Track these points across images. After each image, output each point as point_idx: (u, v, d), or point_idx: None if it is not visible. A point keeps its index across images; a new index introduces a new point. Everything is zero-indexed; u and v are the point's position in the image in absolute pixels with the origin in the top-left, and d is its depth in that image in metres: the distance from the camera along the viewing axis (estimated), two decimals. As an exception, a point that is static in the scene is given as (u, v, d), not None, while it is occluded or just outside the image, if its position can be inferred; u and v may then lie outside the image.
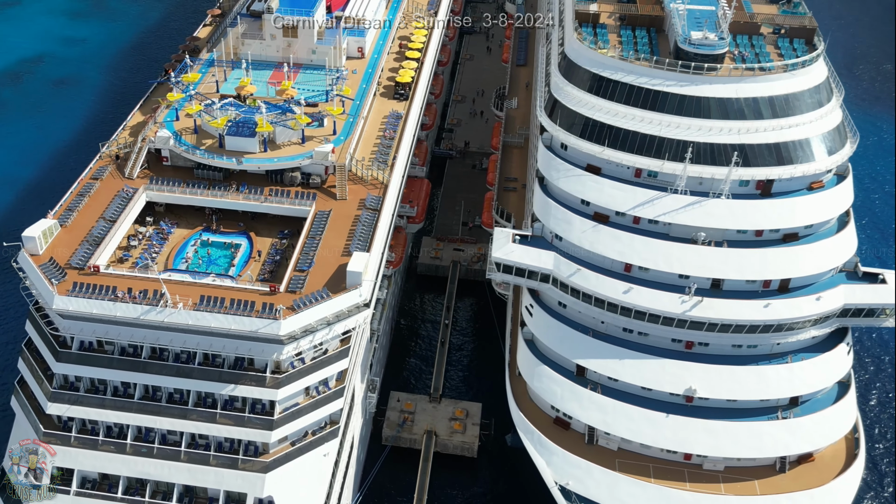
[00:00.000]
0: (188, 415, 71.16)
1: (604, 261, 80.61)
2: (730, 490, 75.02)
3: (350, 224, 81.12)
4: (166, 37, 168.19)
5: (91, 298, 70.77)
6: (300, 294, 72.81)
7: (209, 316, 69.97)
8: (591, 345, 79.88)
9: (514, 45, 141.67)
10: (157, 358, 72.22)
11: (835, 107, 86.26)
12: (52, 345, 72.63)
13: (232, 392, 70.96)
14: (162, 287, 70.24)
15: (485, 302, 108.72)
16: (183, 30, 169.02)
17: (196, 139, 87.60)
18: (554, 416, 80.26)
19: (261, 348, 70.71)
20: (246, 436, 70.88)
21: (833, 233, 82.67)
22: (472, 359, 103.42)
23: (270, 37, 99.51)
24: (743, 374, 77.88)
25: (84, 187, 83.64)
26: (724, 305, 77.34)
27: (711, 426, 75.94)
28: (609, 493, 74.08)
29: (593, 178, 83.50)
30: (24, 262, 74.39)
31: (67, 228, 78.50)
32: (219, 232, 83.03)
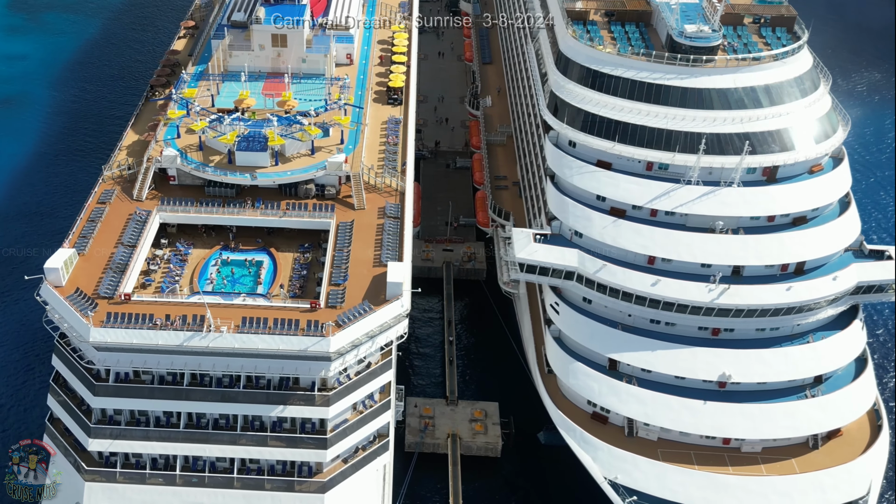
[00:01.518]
0: (237, 440, 68.28)
1: (626, 255, 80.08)
2: (771, 470, 75.33)
3: (375, 234, 78.78)
4: (112, 50, 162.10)
5: (129, 328, 67.09)
6: (341, 309, 70.34)
7: (255, 338, 67.04)
8: (622, 338, 79.31)
9: (477, 44, 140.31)
10: (199, 384, 68.92)
11: (824, 93, 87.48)
12: (88, 379, 68.69)
13: (281, 413, 68.23)
14: (206, 311, 66.96)
15: (482, 300, 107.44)
16: (127, 42, 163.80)
17: (202, 156, 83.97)
18: (591, 412, 79.35)
19: (307, 366, 68.14)
20: (300, 456, 68.36)
21: (836, 214, 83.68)
22: (480, 358, 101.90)
23: (259, 47, 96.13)
24: (770, 356, 78.36)
25: (93, 212, 79.32)
26: (749, 291, 77.60)
27: (748, 410, 76.15)
28: (658, 483, 73.65)
29: (608, 174, 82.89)
30: (49, 295, 70.13)
31: (86, 257, 74.39)
32: (238, 250, 79.71)
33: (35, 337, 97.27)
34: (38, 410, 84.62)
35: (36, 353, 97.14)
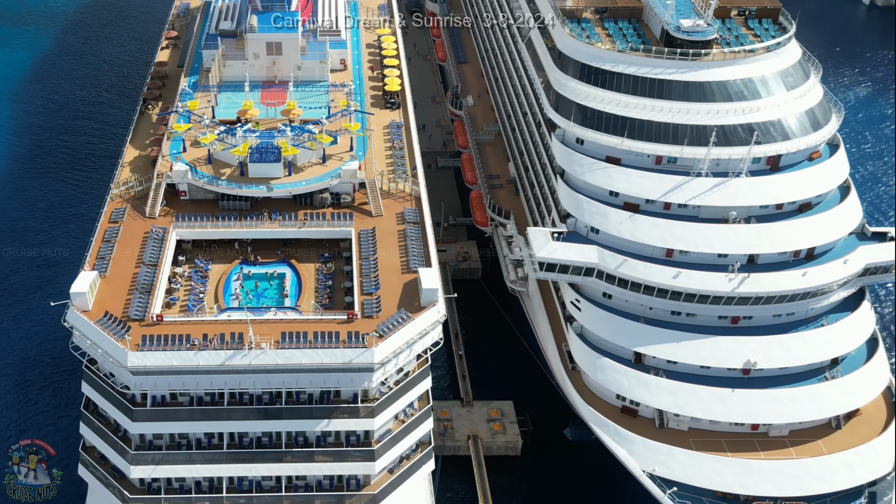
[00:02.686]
0: (283, 457, 66.39)
1: (643, 248, 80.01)
2: (801, 453, 75.88)
3: (397, 240, 77.31)
4: (68, 64, 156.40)
5: (168, 350, 64.61)
6: (378, 318, 68.82)
7: (298, 353, 65.16)
8: (646, 331, 79.15)
9: (449, 44, 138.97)
10: (238, 402, 66.77)
11: (815, 82, 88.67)
12: (124, 404, 66.02)
13: (326, 427, 66.50)
14: (248, 329, 64.83)
15: (481, 299, 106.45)
16: (82, 55, 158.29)
17: (212, 169, 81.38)
18: (621, 406, 79.03)
19: (349, 378, 66.54)
20: (348, 470, 66.84)
21: (838, 199, 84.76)
22: (487, 357, 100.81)
23: (254, 56, 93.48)
24: (791, 341, 78.96)
25: (107, 232, 76.24)
26: (768, 278, 78.09)
27: (775, 395, 76.63)
28: (695, 472, 73.64)
29: (620, 170, 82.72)
30: (77, 321, 67.22)
31: (107, 279, 71.48)
32: (258, 263, 77.39)
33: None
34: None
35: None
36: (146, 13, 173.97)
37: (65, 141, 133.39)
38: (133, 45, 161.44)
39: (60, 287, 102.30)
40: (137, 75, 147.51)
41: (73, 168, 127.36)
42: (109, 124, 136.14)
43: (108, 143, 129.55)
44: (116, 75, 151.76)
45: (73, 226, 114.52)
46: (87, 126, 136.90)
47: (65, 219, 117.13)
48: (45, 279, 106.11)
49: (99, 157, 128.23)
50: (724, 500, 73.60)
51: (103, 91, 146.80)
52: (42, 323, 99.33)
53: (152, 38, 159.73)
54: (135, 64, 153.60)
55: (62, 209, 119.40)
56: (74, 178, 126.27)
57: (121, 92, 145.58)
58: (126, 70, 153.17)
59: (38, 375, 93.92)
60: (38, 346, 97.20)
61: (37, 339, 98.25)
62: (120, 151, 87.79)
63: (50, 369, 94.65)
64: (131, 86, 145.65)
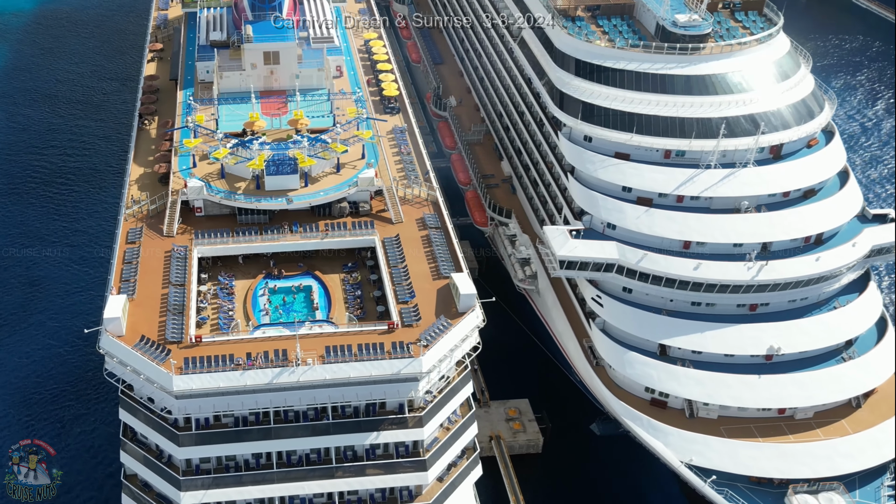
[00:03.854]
0: (334, 473, 64.64)
1: (661, 242, 79.96)
2: (828, 434, 76.56)
3: (423, 246, 76.06)
4: (23, 79, 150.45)
5: (214, 372, 62.31)
6: (418, 326, 67.51)
7: (345, 366, 63.47)
8: (670, 324, 79.11)
9: (423, 46, 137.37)
10: (283, 420, 64.77)
11: (807, 72, 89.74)
12: (168, 430, 63.54)
13: (375, 440, 64.92)
14: (296, 345, 62.84)
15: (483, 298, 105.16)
16: (33, 71, 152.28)
17: (226, 184, 78.94)
18: (650, 398, 78.83)
19: (395, 389, 65.06)
20: (400, 482, 65.44)
21: (838, 184, 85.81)
22: (496, 355, 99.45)
23: (251, 66, 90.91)
24: (809, 325, 79.71)
25: (126, 253, 73.37)
26: (784, 265, 78.69)
27: (799, 378, 77.19)
28: (731, 460, 73.76)
29: (632, 165, 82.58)
30: (113, 347, 64.43)
31: (136, 301, 68.76)
32: (282, 276, 75.27)
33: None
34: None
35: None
36: (104, 24, 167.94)
37: (34, 159, 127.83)
38: (101, 59, 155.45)
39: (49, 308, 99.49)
40: (103, 90, 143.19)
41: (46, 188, 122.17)
42: (82, 141, 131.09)
43: (83, 160, 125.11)
44: (81, 90, 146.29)
45: (56, 249, 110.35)
46: (57, 144, 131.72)
47: (42, 239, 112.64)
48: (31, 298, 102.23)
49: (73, 174, 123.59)
50: (759, 484, 73.93)
51: (66, 106, 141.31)
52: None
53: (117, 50, 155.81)
54: (99, 78, 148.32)
55: (39, 229, 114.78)
56: (47, 199, 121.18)
57: (85, 106, 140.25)
58: (89, 82, 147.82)
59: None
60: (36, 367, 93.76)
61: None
62: (126, 170, 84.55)
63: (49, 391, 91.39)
64: (97, 100, 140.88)
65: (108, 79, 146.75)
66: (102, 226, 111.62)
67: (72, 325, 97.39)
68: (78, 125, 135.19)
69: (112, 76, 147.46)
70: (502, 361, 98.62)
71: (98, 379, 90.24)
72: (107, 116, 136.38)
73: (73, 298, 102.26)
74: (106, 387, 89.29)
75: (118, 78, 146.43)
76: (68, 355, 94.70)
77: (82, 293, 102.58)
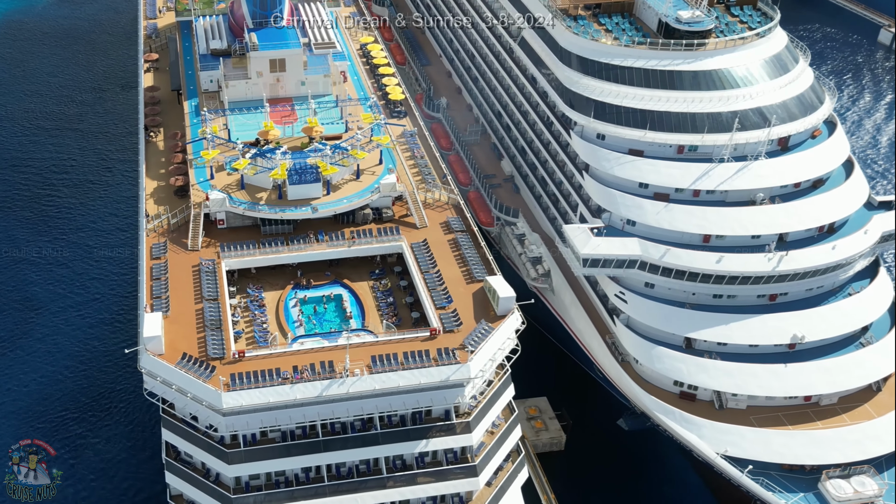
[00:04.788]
0: (385, 483, 63.34)
1: (681, 236, 79.95)
2: (854, 418, 77.15)
3: (451, 250, 75.07)
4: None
5: (263, 387, 60.67)
6: (459, 332, 66.56)
7: (394, 375, 62.30)
8: (695, 317, 79.08)
9: (408, 47, 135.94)
10: (329, 432, 63.35)
11: (805, 65, 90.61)
12: (216, 448, 61.77)
13: (424, 448, 63.82)
14: (346, 356, 61.48)
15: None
16: (7, 85, 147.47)
17: (247, 195, 77.11)
18: (679, 392, 78.76)
19: (442, 396, 64.07)
20: (452, 488, 64.32)
21: (843, 173, 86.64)
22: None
23: (257, 74, 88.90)
24: (828, 312, 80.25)
25: (153, 270, 71.18)
26: (802, 255, 79.12)
27: (824, 365, 77.64)
28: (765, 448, 73.93)
29: (648, 162, 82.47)
30: (155, 366, 62.41)
31: (170, 318, 66.68)
32: (311, 286, 73.73)
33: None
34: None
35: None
36: (82, 35, 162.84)
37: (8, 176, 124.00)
38: (81, 70, 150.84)
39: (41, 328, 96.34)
40: (83, 101, 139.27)
41: (30, 204, 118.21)
42: (62, 157, 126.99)
43: (66, 175, 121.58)
44: (61, 102, 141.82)
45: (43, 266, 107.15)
46: (33, 158, 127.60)
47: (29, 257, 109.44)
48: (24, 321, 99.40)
49: (63, 187, 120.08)
50: (791, 471, 74.28)
51: (41, 119, 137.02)
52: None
53: (104, 59, 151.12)
54: (81, 90, 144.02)
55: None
56: (32, 214, 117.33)
57: (59, 120, 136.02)
58: (69, 93, 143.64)
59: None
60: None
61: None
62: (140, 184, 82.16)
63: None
64: (74, 113, 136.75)
65: (90, 91, 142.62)
66: (95, 240, 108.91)
67: (67, 346, 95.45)
68: (62, 142, 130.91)
69: (98, 87, 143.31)
70: (516, 360, 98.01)
71: (102, 394, 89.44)
72: (93, 129, 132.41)
73: (68, 314, 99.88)
74: (109, 403, 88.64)
75: (103, 88, 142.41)
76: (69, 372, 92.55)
77: (77, 309, 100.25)
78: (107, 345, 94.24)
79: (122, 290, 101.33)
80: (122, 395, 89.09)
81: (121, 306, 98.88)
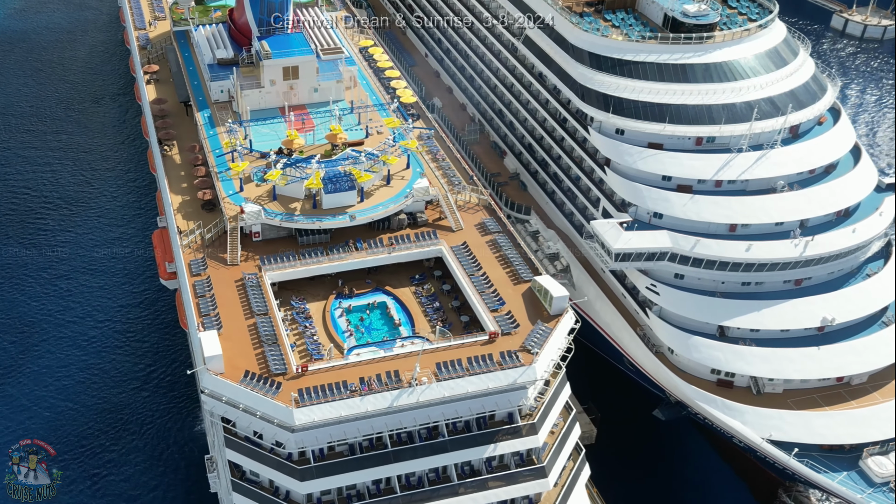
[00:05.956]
0: (457, 490, 61.92)
1: (708, 227, 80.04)
2: (884, 395, 77.92)
3: (491, 251, 73.87)
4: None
5: (335, 401, 58.84)
6: (517, 334, 65.48)
7: (462, 382, 60.99)
8: (726, 305, 79.21)
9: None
10: (396, 442, 61.77)
11: (806, 55, 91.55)
12: (287, 465, 59.68)
13: (493, 452, 62.57)
14: (416, 365, 59.89)
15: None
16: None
17: (279, 205, 74.88)
18: (716, 379, 78.82)
19: (506, 399, 62.83)
20: (523, 491, 63.12)
21: (851, 158, 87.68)
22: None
23: (270, 83, 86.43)
24: (853, 294, 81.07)
25: (196, 287, 68.60)
26: (826, 239, 79.79)
27: (855, 346, 78.45)
28: (807, 431, 74.35)
29: (670, 155, 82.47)
30: (219, 385, 60.00)
31: (224, 335, 64.24)
32: (353, 295, 71.90)
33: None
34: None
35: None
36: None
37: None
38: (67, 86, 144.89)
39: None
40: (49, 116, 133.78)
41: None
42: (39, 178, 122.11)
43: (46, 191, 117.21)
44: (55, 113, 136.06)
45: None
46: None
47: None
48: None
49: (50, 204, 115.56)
50: (831, 451, 74.90)
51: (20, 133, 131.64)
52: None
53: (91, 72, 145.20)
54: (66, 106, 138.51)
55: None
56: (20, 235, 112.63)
57: (40, 136, 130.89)
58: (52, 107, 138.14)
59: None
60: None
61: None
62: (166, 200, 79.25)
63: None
64: (46, 128, 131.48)
65: (61, 105, 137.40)
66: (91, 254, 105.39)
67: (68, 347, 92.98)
68: (37, 165, 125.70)
69: (69, 99, 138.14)
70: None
71: (102, 394, 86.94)
72: (81, 143, 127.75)
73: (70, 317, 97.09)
74: (109, 402, 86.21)
75: (79, 102, 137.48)
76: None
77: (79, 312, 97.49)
78: (107, 346, 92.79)
79: (122, 296, 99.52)
80: (123, 394, 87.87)
81: (124, 314, 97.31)
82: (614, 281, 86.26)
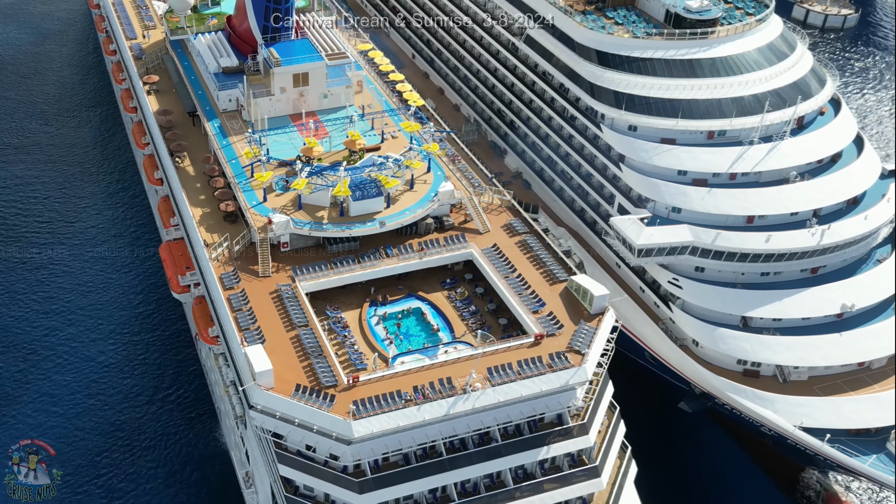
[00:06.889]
0: (514, 495, 60.85)
1: (726, 219, 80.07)
2: (905, 377, 79.04)
3: (522, 252, 72.90)
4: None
5: (392, 411, 57.40)
6: (561, 334, 64.64)
7: (516, 386, 59.99)
8: (748, 296, 79.27)
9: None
10: (450, 450, 60.49)
11: (804, 47, 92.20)
12: (344, 478, 58.07)
13: (546, 454, 61.65)
14: (471, 373, 58.62)
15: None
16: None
17: (305, 214, 73.02)
18: (742, 370, 78.80)
19: (556, 401, 61.93)
20: (577, 492, 62.23)
21: (855, 147, 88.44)
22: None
23: (280, 90, 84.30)
24: (868, 279, 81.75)
25: (231, 300, 66.46)
26: (841, 227, 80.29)
27: (875, 331, 79.01)
28: (837, 416, 74.68)
29: (685, 149, 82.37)
30: (272, 401, 58.13)
31: (268, 349, 62.23)
32: (387, 302, 70.41)
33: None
34: None
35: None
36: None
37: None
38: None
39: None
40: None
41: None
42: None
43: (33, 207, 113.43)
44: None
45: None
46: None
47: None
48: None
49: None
50: (858, 435, 75.37)
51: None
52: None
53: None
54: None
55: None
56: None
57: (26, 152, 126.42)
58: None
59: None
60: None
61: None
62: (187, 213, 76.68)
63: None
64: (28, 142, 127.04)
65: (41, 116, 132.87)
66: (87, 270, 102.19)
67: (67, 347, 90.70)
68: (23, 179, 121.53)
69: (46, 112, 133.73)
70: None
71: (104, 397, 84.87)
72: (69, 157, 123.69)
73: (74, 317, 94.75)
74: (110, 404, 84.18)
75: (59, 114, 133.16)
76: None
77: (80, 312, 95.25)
78: (108, 347, 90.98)
79: (122, 296, 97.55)
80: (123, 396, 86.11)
81: (126, 315, 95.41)
82: (631, 276, 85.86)
